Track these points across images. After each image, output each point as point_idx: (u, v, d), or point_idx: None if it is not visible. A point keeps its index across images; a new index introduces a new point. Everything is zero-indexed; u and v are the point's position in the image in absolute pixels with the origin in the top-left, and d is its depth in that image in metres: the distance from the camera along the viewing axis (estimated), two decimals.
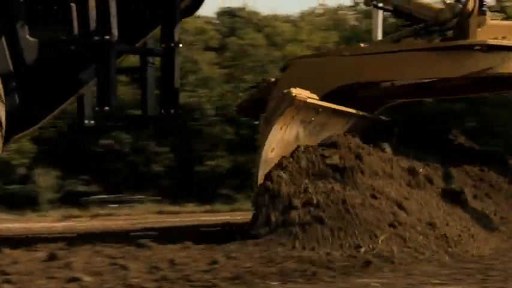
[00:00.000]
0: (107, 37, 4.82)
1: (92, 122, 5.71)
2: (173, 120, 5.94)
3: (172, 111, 4.94)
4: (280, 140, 4.21)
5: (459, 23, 4.58)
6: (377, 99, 5.63)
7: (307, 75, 4.60)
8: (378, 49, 4.67)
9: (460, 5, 4.58)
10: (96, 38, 4.84)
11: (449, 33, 4.96)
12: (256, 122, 6.85)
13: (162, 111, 5.14)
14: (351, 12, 21.55)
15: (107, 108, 4.87)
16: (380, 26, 6.13)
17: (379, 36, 6.05)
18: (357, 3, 20.90)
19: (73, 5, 4.96)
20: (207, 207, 13.57)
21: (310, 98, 4.29)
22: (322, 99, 4.50)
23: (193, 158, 15.80)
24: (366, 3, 5.97)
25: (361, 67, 4.54)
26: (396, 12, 5.26)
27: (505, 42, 4.55)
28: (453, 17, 4.64)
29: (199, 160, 15.85)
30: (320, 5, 23.19)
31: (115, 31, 4.87)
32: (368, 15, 20.15)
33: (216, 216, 9.76)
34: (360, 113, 4.98)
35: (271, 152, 4.19)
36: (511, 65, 4.53)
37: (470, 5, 4.54)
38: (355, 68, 4.56)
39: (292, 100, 4.12)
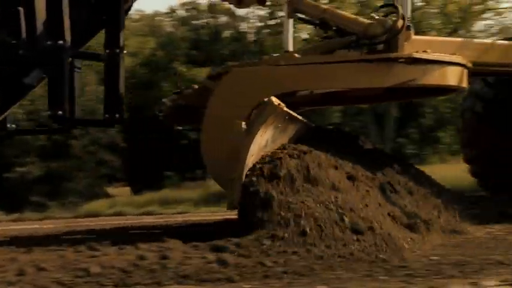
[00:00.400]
0: (60, 42, 4.82)
1: (14, 126, 5.63)
2: (120, 124, 5.82)
3: (117, 115, 4.95)
4: (257, 145, 4.48)
5: (389, 38, 4.92)
6: (291, 106, 6.03)
7: (245, 83, 4.76)
8: (313, 60, 4.88)
9: (390, 22, 4.93)
10: (48, 42, 4.83)
11: (377, 46, 5.22)
12: (180, 128, 6.98)
13: (107, 115, 5.18)
14: (167, 19, 21.74)
15: (60, 112, 4.87)
16: (291, 37, 6.32)
17: (291, 47, 6.31)
18: (173, 10, 21.12)
19: (21, 9, 4.88)
20: (16, 215, 13.13)
21: (283, 106, 4.58)
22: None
23: (1, 165, 15.18)
24: (288, 16, 6.15)
25: (297, 76, 4.75)
26: (322, 25, 5.50)
27: (426, 56, 4.96)
28: (384, 32, 4.94)
29: (8, 166, 15.26)
30: (136, 10, 22.95)
31: (68, 36, 4.88)
32: (185, 23, 20.36)
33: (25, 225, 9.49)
34: (304, 120, 5.44)
35: (251, 157, 4.45)
36: (430, 76, 4.97)
37: (399, 22, 4.89)
38: (291, 77, 4.75)
39: (276, 108, 4.39)
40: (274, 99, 4.44)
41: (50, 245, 5.05)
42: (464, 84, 5.35)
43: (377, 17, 5.21)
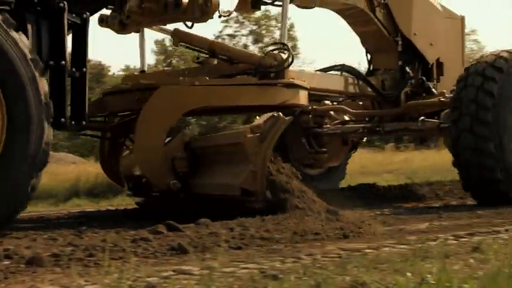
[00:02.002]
0: (63, 62, 4.90)
1: None
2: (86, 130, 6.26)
3: (83, 122, 5.13)
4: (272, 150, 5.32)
5: (279, 69, 6.08)
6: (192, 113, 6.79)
7: (170, 99, 5.77)
8: (221, 82, 5.98)
9: (282, 56, 6.08)
10: (51, 62, 4.88)
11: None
12: None
13: (73, 122, 5.14)
14: None
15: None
16: (146, 58, 7.32)
17: (145, 66, 7.30)
18: None
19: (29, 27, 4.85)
20: None
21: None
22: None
23: None
24: (174, 44, 6.92)
25: (208, 95, 5.81)
26: (212, 55, 6.51)
27: (298, 82, 6.16)
28: (277, 64, 6.06)
29: None
30: None
31: (66, 56, 4.97)
32: None
33: None
34: None
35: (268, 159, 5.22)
36: (298, 98, 6.14)
37: (290, 58, 6.09)
38: (204, 95, 5.80)
39: (285, 121, 5.28)
40: (281, 114, 5.35)
41: None
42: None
43: (268, 51, 6.28)
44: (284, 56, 6.07)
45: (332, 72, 7.48)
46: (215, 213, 4.87)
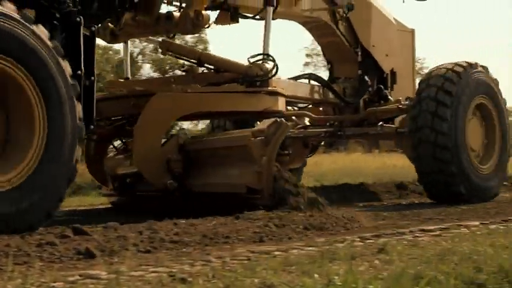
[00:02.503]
0: (79, 72, 5.09)
1: None
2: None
3: (92, 126, 5.35)
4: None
5: (265, 78, 6.56)
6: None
7: (166, 105, 6.21)
8: (212, 89, 6.47)
9: (267, 66, 6.56)
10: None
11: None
12: None
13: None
14: None
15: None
16: (129, 66, 7.68)
17: (129, 73, 7.69)
18: None
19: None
20: None
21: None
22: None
23: None
24: (162, 53, 7.40)
25: (200, 101, 6.30)
26: (200, 64, 6.96)
27: (279, 90, 6.66)
28: (263, 73, 6.52)
29: None
30: None
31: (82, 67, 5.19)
32: None
33: None
34: None
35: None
36: (279, 104, 6.64)
37: (274, 68, 6.58)
38: (197, 101, 6.29)
39: (288, 127, 5.92)
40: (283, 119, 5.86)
41: None
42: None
43: (254, 62, 6.69)
44: (269, 66, 6.56)
45: (301, 80, 7.92)
46: (213, 210, 5.25)
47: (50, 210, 4.64)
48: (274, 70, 6.55)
